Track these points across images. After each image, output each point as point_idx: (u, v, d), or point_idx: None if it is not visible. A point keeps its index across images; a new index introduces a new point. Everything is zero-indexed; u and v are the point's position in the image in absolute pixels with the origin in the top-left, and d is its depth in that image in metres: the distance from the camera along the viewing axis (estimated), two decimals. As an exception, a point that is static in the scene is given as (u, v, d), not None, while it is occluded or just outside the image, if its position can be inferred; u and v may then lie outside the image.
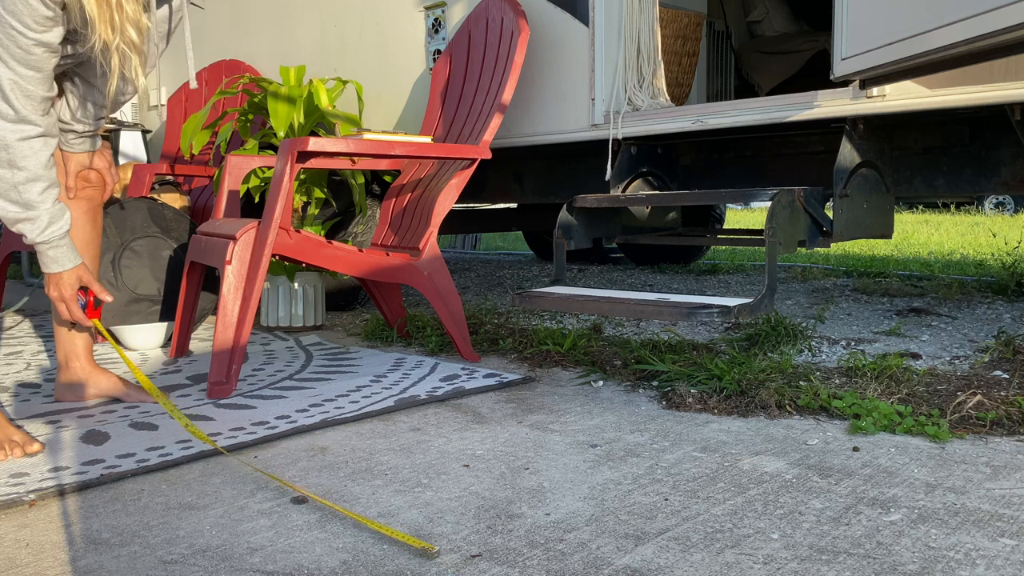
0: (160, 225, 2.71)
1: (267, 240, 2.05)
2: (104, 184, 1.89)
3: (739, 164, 2.71)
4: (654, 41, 2.53)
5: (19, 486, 1.35)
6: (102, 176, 1.88)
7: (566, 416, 1.75)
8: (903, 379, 1.86)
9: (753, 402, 1.77)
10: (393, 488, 1.34)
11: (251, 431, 1.65)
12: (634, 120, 2.45)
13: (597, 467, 1.43)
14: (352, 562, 1.08)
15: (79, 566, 1.08)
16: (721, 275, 4.41)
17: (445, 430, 1.66)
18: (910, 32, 1.59)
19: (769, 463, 1.43)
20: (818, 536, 1.13)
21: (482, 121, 2.48)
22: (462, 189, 2.37)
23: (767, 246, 1.86)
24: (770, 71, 4.28)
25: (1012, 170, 2.19)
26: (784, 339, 2.32)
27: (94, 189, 1.87)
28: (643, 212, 2.50)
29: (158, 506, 1.28)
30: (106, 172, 1.88)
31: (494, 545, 1.12)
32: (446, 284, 2.33)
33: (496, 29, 2.61)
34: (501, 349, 2.43)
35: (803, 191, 1.95)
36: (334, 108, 2.95)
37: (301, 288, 2.86)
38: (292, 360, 2.36)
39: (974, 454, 1.45)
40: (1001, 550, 1.07)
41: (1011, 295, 3.25)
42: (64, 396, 1.90)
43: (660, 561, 1.06)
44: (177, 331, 2.42)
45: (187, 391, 2.01)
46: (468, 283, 4.29)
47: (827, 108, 2.05)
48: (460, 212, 4.14)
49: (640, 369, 2.06)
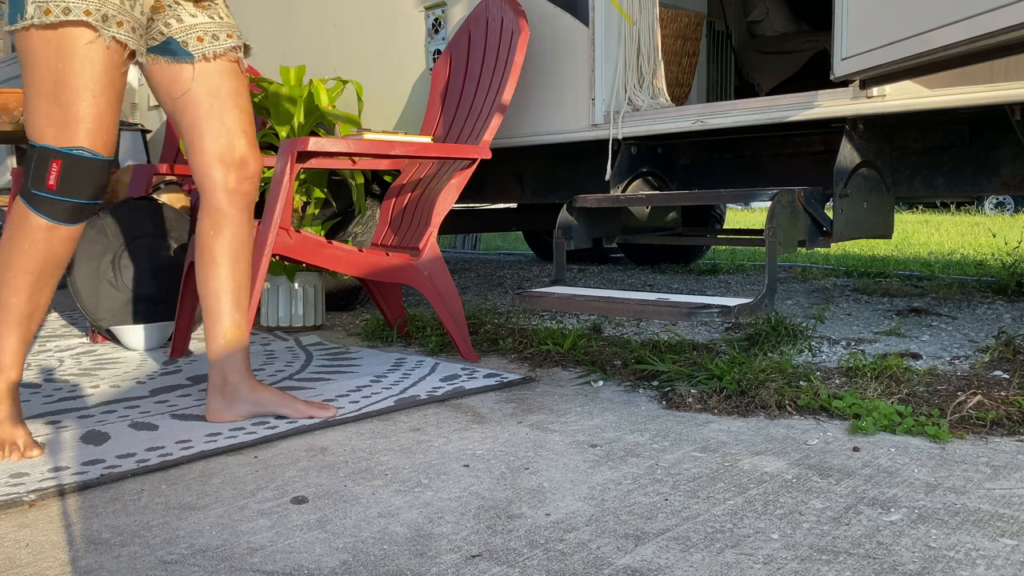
0: (160, 225, 2.71)
1: (267, 240, 2.05)
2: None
3: (739, 164, 2.71)
4: (654, 41, 2.53)
5: (19, 486, 1.35)
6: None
7: (566, 416, 1.75)
8: (903, 379, 1.86)
9: (753, 402, 1.77)
10: (393, 488, 1.34)
11: (251, 431, 1.65)
12: (634, 120, 2.45)
13: (597, 467, 1.43)
14: (352, 562, 1.08)
15: (79, 566, 1.08)
16: (721, 275, 4.41)
17: (445, 430, 1.66)
18: (910, 32, 1.59)
19: (769, 463, 1.43)
20: (818, 536, 1.13)
21: (482, 121, 2.48)
22: (462, 189, 2.37)
23: (767, 246, 1.86)
24: (770, 71, 4.28)
25: (1012, 170, 2.19)
26: (784, 339, 2.32)
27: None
28: (643, 212, 2.50)
29: (158, 506, 1.28)
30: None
31: (494, 545, 1.12)
32: (446, 284, 2.33)
33: (496, 29, 2.61)
34: (501, 349, 2.43)
35: (803, 191, 1.95)
36: (334, 108, 2.95)
37: (301, 288, 2.86)
38: (292, 360, 2.36)
39: (974, 454, 1.45)
40: (1001, 550, 1.07)
41: (1011, 295, 3.25)
42: (220, 415, 1.72)
43: (660, 561, 1.06)
44: (177, 331, 2.42)
45: (187, 391, 2.01)
46: (468, 283, 4.29)
47: (827, 108, 2.05)
48: (460, 212, 4.14)
49: (640, 369, 2.06)
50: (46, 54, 1.48)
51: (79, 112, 1.49)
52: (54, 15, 1.46)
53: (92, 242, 2.60)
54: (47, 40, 1.48)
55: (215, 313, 1.73)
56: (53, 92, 1.48)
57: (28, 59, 1.50)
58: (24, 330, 1.56)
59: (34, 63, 1.49)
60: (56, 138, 1.49)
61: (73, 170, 1.50)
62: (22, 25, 1.48)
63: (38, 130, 1.50)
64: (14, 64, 5.43)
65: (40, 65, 1.48)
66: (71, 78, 1.48)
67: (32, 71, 1.49)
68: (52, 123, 1.49)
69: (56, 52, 1.48)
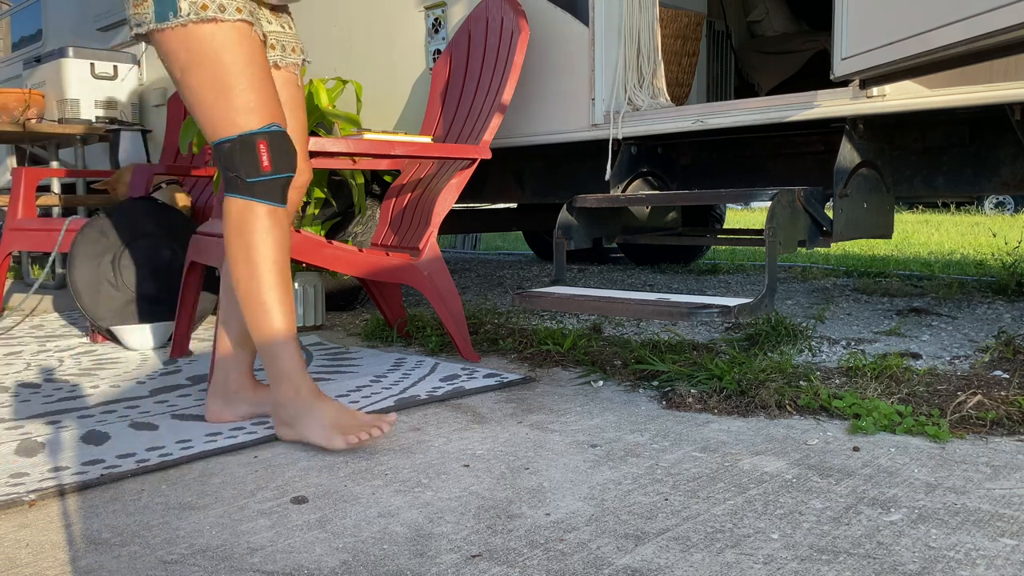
0: (160, 225, 2.71)
1: (267, 240, 2.04)
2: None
3: (739, 164, 2.71)
4: (654, 41, 2.53)
5: (19, 486, 1.35)
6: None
7: (566, 416, 1.75)
8: (903, 379, 1.86)
9: (753, 402, 1.77)
10: (393, 488, 1.34)
11: (251, 431, 1.65)
12: (634, 120, 2.45)
13: (597, 467, 1.43)
14: (352, 562, 1.08)
15: (79, 566, 1.08)
16: (721, 275, 4.41)
17: (445, 430, 1.66)
18: (910, 32, 1.59)
19: (769, 463, 1.43)
20: (818, 536, 1.13)
21: (482, 121, 2.48)
22: (462, 189, 2.36)
23: (767, 246, 1.86)
24: (770, 71, 4.28)
25: (1012, 170, 2.19)
26: (784, 339, 2.32)
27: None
28: (643, 212, 2.50)
29: (158, 506, 1.28)
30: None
31: (494, 545, 1.12)
32: (446, 284, 2.33)
33: (496, 29, 2.61)
34: (501, 349, 2.43)
35: (803, 191, 1.95)
36: (334, 108, 2.95)
37: (301, 288, 2.86)
38: (292, 360, 2.36)
39: (974, 454, 1.45)
40: (1001, 550, 1.07)
41: (1011, 295, 3.25)
42: (221, 415, 1.73)
43: (660, 561, 1.06)
44: (177, 331, 2.42)
45: (187, 391, 2.01)
46: (468, 283, 4.29)
47: (827, 108, 2.05)
48: (460, 212, 4.14)
49: (640, 369, 2.06)
50: (213, 48, 1.49)
51: (266, 94, 1.53)
52: (211, 11, 1.48)
53: (92, 242, 2.60)
54: (210, 36, 1.48)
55: (229, 312, 1.76)
56: (232, 82, 1.49)
57: (189, 57, 1.49)
58: (293, 324, 1.58)
59: (200, 61, 1.49)
60: (251, 123, 1.51)
61: (281, 146, 1.53)
62: (179, 22, 1.48)
63: (227, 122, 1.50)
64: (15, 64, 5.44)
65: (209, 61, 1.49)
66: (247, 66, 1.51)
67: (199, 69, 1.49)
68: (242, 111, 1.50)
69: (224, 45, 1.49)
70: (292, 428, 1.56)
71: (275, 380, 1.56)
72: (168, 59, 1.52)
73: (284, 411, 1.55)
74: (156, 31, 1.50)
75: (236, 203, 1.53)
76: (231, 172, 1.52)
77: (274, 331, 1.54)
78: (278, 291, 1.54)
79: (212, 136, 1.52)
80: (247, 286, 1.53)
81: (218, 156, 1.53)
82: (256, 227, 1.52)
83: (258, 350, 1.57)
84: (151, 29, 1.50)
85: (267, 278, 1.53)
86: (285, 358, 1.54)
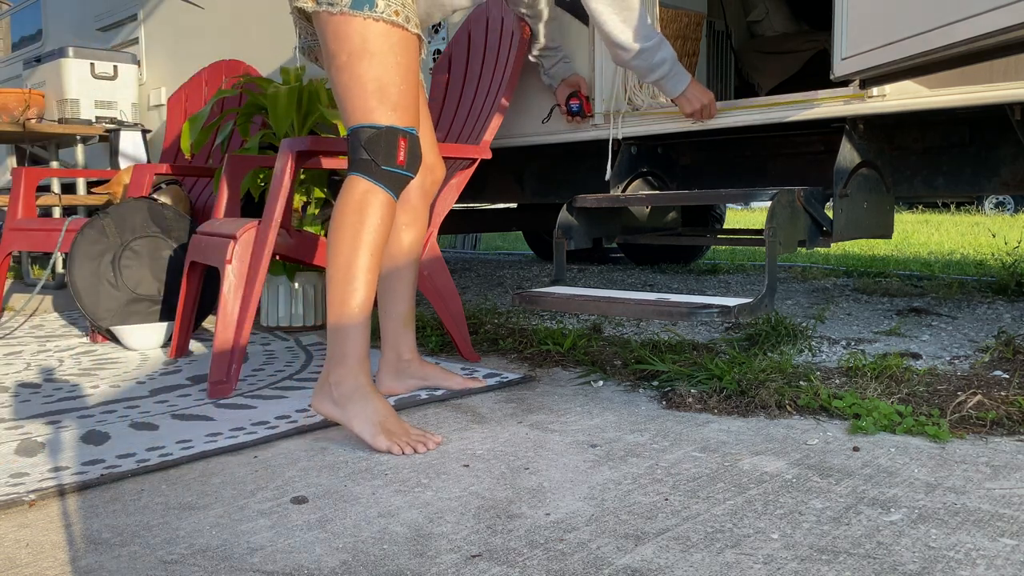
0: (160, 225, 2.71)
1: (267, 240, 2.05)
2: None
3: (739, 164, 2.71)
4: (654, 41, 2.52)
5: (19, 486, 1.35)
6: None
7: (566, 416, 1.75)
8: (903, 379, 1.86)
9: (753, 402, 1.77)
10: (393, 488, 1.34)
11: (251, 431, 1.65)
12: (634, 120, 2.45)
13: (597, 467, 1.43)
14: (352, 562, 1.08)
15: (79, 566, 1.08)
16: (721, 275, 4.41)
17: (445, 430, 1.66)
18: (910, 32, 1.59)
19: (769, 463, 1.43)
20: (818, 536, 1.13)
21: (482, 121, 2.48)
22: (462, 189, 2.37)
23: (767, 246, 1.86)
24: (770, 71, 4.27)
25: (1012, 170, 2.19)
26: (784, 339, 2.32)
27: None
28: (643, 212, 2.50)
29: (158, 506, 1.28)
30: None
31: (494, 545, 1.12)
32: (446, 284, 2.33)
33: (496, 29, 2.61)
34: (501, 349, 2.43)
35: (803, 191, 1.95)
36: (334, 108, 2.94)
37: (301, 288, 2.86)
38: (292, 360, 2.36)
39: (974, 454, 1.45)
40: (1001, 550, 1.07)
41: (1011, 295, 3.25)
42: (394, 388, 1.92)
43: (660, 561, 1.06)
44: (177, 331, 2.42)
45: (187, 391, 2.01)
46: (468, 283, 4.29)
47: (827, 108, 2.05)
48: (460, 212, 4.14)
49: (640, 369, 2.06)
50: (388, 46, 1.60)
51: (413, 101, 1.65)
52: (400, 19, 1.61)
53: (92, 242, 2.60)
54: (387, 34, 1.60)
55: (395, 294, 1.90)
56: (393, 80, 1.60)
57: (364, 47, 1.59)
58: (370, 311, 1.65)
59: (373, 53, 1.59)
60: (398, 120, 1.61)
61: (415, 149, 1.64)
62: (371, 15, 1.58)
63: (378, 112, 1.60)
64: (15, 64, 5.44)
65: (381, 55, 1.59)
66: (408, 72, 1.63)
67: (369, 59, 1.59)
68: (393, 107, 1.60)
69: (397, 48, 1.61)
70: (340, 409, 1.58)
71: (338, 359, 1.59)
72: (338, 40, 1.60)
73: (337, 390, 1.58)
74: (345, 14, 1.59)
75: (362, 184, 1.61)
76: (368, 155, 1.60)
77: (355, 311, 1.59)
78: (371, 275, 1.60)
79: (359, 120, 1.60)
80: (346, 260, 1.59)
81: (357, 139, 1.60)
82: (374, 210, 1.60)
83: (330, 325, 1.61)
84: (342, 11, 1.59)
85: (365, 260, 1.59)
86: (357, 339, 1.59)
